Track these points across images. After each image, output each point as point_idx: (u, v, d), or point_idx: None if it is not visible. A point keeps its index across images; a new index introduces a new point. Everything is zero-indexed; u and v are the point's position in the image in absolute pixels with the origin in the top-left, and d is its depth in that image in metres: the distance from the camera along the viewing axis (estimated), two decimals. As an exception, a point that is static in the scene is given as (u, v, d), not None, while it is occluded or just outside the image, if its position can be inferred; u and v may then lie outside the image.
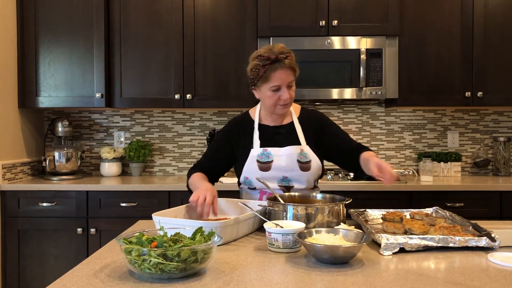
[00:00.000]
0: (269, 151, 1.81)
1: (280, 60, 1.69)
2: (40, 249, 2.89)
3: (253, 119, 1.90)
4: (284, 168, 1.80)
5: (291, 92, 1.76)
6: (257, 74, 1.73)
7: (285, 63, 1.69)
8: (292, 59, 1.72)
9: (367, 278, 1.12)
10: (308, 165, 1.81)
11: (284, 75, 1.71)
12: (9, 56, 3.01)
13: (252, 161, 1.82)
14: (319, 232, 1.35)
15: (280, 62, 1.69)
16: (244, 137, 1.88)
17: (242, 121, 1.93)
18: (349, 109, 3.48)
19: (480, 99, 3.09)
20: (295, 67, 1.73)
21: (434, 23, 3.09)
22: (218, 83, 3.13)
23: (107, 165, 3.31)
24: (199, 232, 1.21)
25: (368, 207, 1.88)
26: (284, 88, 1.73)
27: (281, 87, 1.73)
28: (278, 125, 1.88)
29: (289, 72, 1.72)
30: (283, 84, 1.72)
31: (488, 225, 1.56)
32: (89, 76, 3.09)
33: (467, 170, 3.48)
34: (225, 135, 1.93)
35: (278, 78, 1.71)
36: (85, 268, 1.21)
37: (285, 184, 1.83)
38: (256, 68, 1.73)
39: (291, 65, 1.71)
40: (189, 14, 3.11)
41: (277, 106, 1.78)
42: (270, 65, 1.70)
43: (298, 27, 3.03)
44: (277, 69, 1.70)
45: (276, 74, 1.70)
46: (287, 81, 1.72)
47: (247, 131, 1.88)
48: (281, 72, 1.70)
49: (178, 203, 2.68)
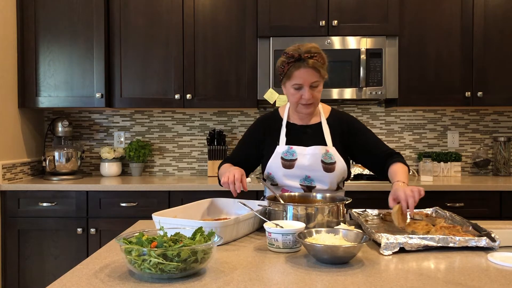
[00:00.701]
0: (294, 149, 1.81)
1: (304, 59, 1.70)
2: (40, 249, 2.89)
3: (282, 117, 1.91)
4: (308, 168, 1.80)
5: (315, 92, 1.76)
6: (282, 71, 1.76)
7: (308, 62, 1.70)
8: (318, 59, 1.72)
9: (367, 278, 1.12)
10: (333, 166, 1.80)
11: (306, 74, 1.71)
12: (9, 56, 3.01)
13: (277, 158, 1.82)
14: (319, 232, 1.36)
15: (303, 61, 1.70)
16: (271, 134, 1.90)
17: (270, 118, 1.95)
18: (349, 109, 3.48)
19: (480, 99, 3.09)
20: (320, 68, 1.72)
21: (434, 23, 3.09)
22: (218, 83, 3.13)
23: (107, 165, 3.31)
24: (199, 232, 1.21)
25: (368, 207, 1.88)
26: (306, 88, 1.73)
27: (303, 86, 1.73)
28: (306, 124, 1.89)
29: (312, 72, 1.71)
30: (305, 84, 1.73)
31: (488, 225, 1.56)
32: (89, 76, 3.09)
33: (467, 170, 3.48)
34: (253, 131, 1.95)
35: (299, 76, 1.72)
36: (85, 268, 1.21)
37: (307, 183, 1.83)
38: (282, 64, 1.75)
39: (315, 66, 1.71)
40: (189, 14, 3.11)
41: (299, 104, 1.79)
42: (293, 63, 1.71)
43: (298, 27, 3.03)
44: (300, 67, 1.70)
45: (298, 72, 1.71)
46: (309, 81, 1.72)
47: (275, 127, 1.90)
48: (303, 71, 1.71)
49: (178, 203, 2.68)
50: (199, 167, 3.51)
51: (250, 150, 1.94)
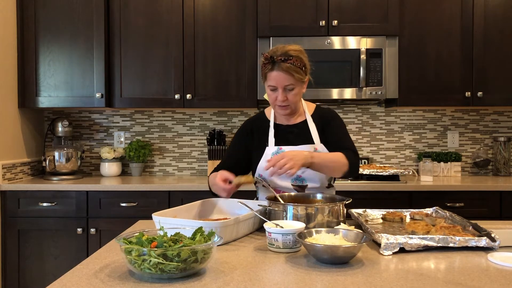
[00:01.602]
0: (284, 150, 1.82)
1: (276, 62, 1.70)
2: (40, 249, 2.89)
3: (268, 118, 1.92)
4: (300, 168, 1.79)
5: (290, 95, 1.75)
6: (261, 72, 1.79)
7: (281, 66, 1.69)
8: (294, 63, 1.70)
9: (367, 278, 1.12)
10: None
11: (278, 77, 1.72)
12: (9, 56, 3.01)
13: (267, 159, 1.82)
14: (319, 232, 1.36)
15: (276, 64, 1.70)
16: (259, 135, 1.90)
17: (257, 120, 1.95)
18: (349, 109, 3.48)
19: (480, 99, 3.09)
20: (294, 72, 1.71)
21: (434, 23, 3.09)
22: (218, 83, 3.13)
23: (107, 165, 3.31)
24: (199, 232, 1.21)
25: (368, 207, 1.88)
26: (280, 90, 1.74)
27: (277, 88, 1.74)
28: (291, 124, 1.89)
29: (284, 75, 1.71)
30: (278, 86, 1.74)
31: (488, 225, 1.56)
32: (89, 76, 3.09)
33: (467, 170, 3.48)
34: (241, 135, 1.96)
35: (273, 79, 1.73)
36: (85, 268, 1.21)
37: (299, 183, 1.83)
38: (261, 65, 1.78)
39: (288, 70, 1.70)
40: (189, 14, 3.11)
41: (276, 106, 1.80)
42: (267, 64, 1.73)
43: (298, 27, 3.03)
44: (273, 70, 1.72)
45: (271, 74, 1.73)
46: (282, 83, 1.73)
47: (262, 129, 1.90)
48: (275, 74, 1.72)
49: (178, 203, 2.68)
50: (199, 167, 3.51)
51: (240, 154, 1.94)
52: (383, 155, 3.48)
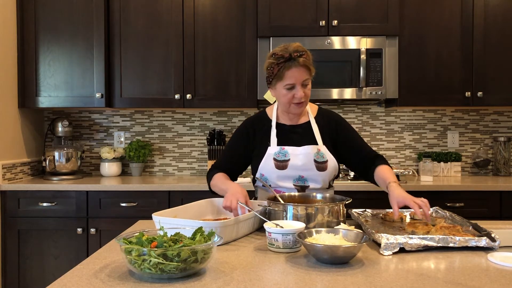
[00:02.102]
0: (286, 150, 1.81)
1: (294, 58, 1.69)
2: (40, 249, 2.89)
3: (270, 118, 1.91)
4: (301, 168, 1.80)
5: (306, 90, 1.76)
6: (272, 73, 1.75)
7: (299, 61, 1.69)
8: (307, 57, 1.72)
9: (367, 278, 1.12)
10: (325, 165, 1.81)
11: (297, 73, 1.71)
12: (9, 56, 3.01)
13: (269, 159, 1.82)
14: (319, 232, 1.35)
15: (294, 61, 1.69)
16: (260, 135, 1.89)
17: (258, 119, 1.94)
18: (349, 109, 3.48)
19: (480, 99, 3.09)
20: (310, 66, 1.73)
21: (434, 23, 3.09)
22: (218, 83, 3.13)
23: (107, 165, 3.31)
24: (199, 232, 1.21)
25: (368, 207, 1.88)
26: (298, 87, 1.73)
27: (295, 85, 1.73)
28: (295, 124, 1.89)
29: (303, 70, 1.72)
30: (297, 83, 1.73)
31: (488, 225, 1.56)
32: (89, 76, 3.09)
33: (467, 170, 3.48)
34: (241, 134, 1.94)
35: (292, 76, 1.71)
36: (85, 268, 1.21)
37: (301, 183, 1.83)
38: (271, 66, 1.74)
39: (306, 64, 1.71)
40: (189, 14, 3.11)
41: (292, 104, 1.78)
42: (284, 63, 1.70)
43: (298, 27, 3.03)
44: (291, 67, 1.70)
45: (290, 72, 1.71)
46: (301, 79, 1.72)
47: (264, 129, 1.89)
48: (294, 71, 1.70)
49: (178, 203, 2.68)
50: (199, 167, 3.51)
51: (239, 154, 1.93)
52: (383, 155, 3.48)
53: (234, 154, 1.94)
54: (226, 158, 1.95)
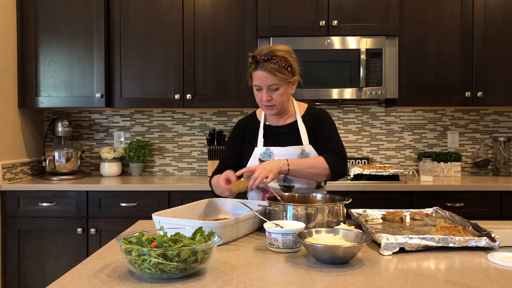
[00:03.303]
0: (271, 150, 1.83)
1: (259, 61, 1.72)
2: (40, 249, 2.89)
3: (259, 119, 1.93)
4: None
5: (275, 95, 1.76)
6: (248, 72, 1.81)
7: (264, 65, 1.71)
8: (279, 63, 1.70)
9: (367, 278, 1.12)
10: None
11: (261, 77, 1.73)
12: (9, 56, 3.01)
13: (255, 159, 1.84)
14: (319, 232, 1.35)
15: (259, 64, 1.72)
16: (249, 136, 1.92)
17: (248, 121, 1.97)
18: (349, 109, 3.48)
19: (480, 99, 3.09)
20: (277, 72, 1.71)
21: (434, 23, 3.09)
22: (218, 83, 3.13)
23: (107, 165, 3.31)
24: (199, 232, 1.21)
25: (368, 207, 1.88)
26: (264, 90, 1.76)
27: (262, 88, 1.76)
28: (281, 125, 1.90)
29: (268, 75, 1.72)
30: (263, 85, 1.75)
31: (488, 225, 1.55)
32: (89, 76, 3.09)
33: (467, 170, 3.48)
34: (233, 137, 1.97)
35: (257, 78, 1.75)
36: (85, 268, 1.20)
37: (286, 184, 1.84)
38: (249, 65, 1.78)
39: (271, 69, 1.70)
40: (189, 14, 3.11)
41: (262, 105, 1.82)
42: (253, 64, 1.75)
43: (298, 27, 3.03)
44: (257, 69, 1.74)
45: (256, 74, 1.75)
46: (266, 83, 1.74)
47: (253, 130, 1.92)
48: (259, 73, 1.73)
49: (178, 203, 2.68)
50: (199, 167, 3.51)
51: (235, 157, 1.95)
52: (383, 155, 3.48)
53: (231, 157, 1.96)
54: (224, 163, 1.97)
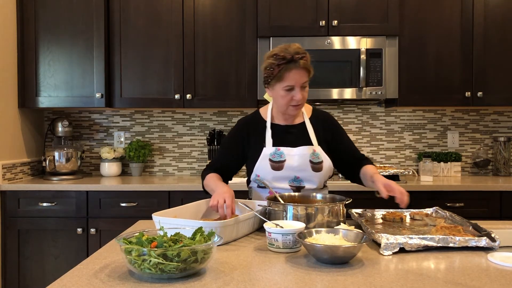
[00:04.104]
0: (282, 151, 1.81)
1: (295, 60, 1.68)
2: (40, 249, 2.89)
3: (264, 119, 1.90)
4: (296, 168, 1.80)
5: (304, 93, 1.76)
6: (271, 73, 1.73)
7: (300, 63, 1.69)
8: (307, 60, 1.72)
9: (367, 278, 1.12)
10: (320, 165, 1.81)
11: (298, 75, 1.71)
12: (9, 56, 3.01)
13: (264, 160, 1.81)
14: (319, 232, 1.36)
15: (295, 63, 1.69)
16: (254, 136, 1.88)
17: (252, 120, 1.93)
18: (349, 109, 3.48)
19: (480, 99, 3.09)
20: (310, 68, 1.73)
21: (434, 23, 3.09)
22: (218, 83, 3.13)
23: (107, 165, 3.31)
24: (199, 232, 1.21)
25: (368, 207, 1.88)
26: (297, 89, 1.73)
27: (294, 87, 1.73)
28: (290, 124, 1.89)
29: (303, 73, 1.71)
30: (297, 85, 1.72)
31: (488, 225, 1.55)
32: (89, 76, 3.09)
33: (467, 170, 3.48)
34: (235, 135, 1.93)
35: (292, 78, 1.71)
36: (85, 268, 1.21)
37: (297, 184, 1.83)
38: (271, 67, 1.72)
39: (306, 66, 1.71)
40: (189, 14, 3.11)
41: (289, 106, 1.78)
42: (285, 64, 1.69)
43: (298, 27, 3.03)
44: (292, 69, 1.69)
45: (291, 74, 1.70)
46: (301, 81, 1.72)
47: (258, 130, 1.88)
48: (295, 73, 1.70)
49: (178, 203, 2.68)
50: (199, 167, 3.51)
51: (234, 155, 1.92)
52: (383, 155, 3.48)
53: (228, 154, 1.93)
54: (221, 159, 1.95)
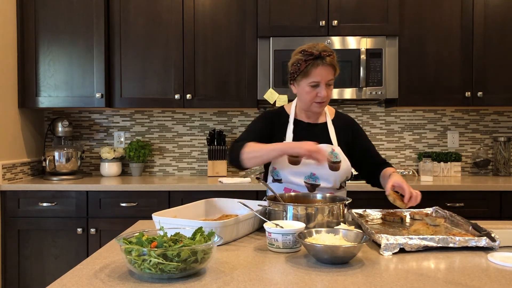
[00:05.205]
0: None
1: (323, 57, 1.72)
2: (40, 249, 2.89)
3: (288, 113, 1.92)
4: (313, 165, 1.78)
5: (329, 91, 1.78)
6: (298, 69, 1.76)
7: (327, 60, 1.72)
8: (334, 58, 1.75)
9: (367, 278, 1.12)
10: (338, 165, 1.82)
11: (324, 72, 1.73)
12: (9, 56, 3.01)
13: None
14: (319, 232, 1.35)
15: (322, 59, 1.72)
16: (278, 128, 1.89)
17: (276, 113, 1.94)
18: (349, 109, 3.48)
19: (480, 99, 3.09)
20: (336, 66, 1.76)
21: (434, 23, 3.09)
22: (218, 83, 3.13)
23: (107, 165, 3.31)
24: (199, 232, 1.21)
25: (368, 207, 1.88)
26: (323, 85, 1.75)
27: (320, 84, 1.75)
28: (312, 122, 1.91)
29: (330, 70, 1.74)
30: (322, 81, 1.75)
31: (488, 225, 1.56)
32: (89, 76, 3.09)
33: (467, 170, 3.48)
34: (264, 120, 1.92)
35: (318, 74, 1.73)
36: (85, 268, 1.21)
37: (312, 181, 1.83)
38: (298, 62, 1.76)
39: (332, 63, 1.74)
40: (189, 14, 3.11)
41: (313, 103, 1.80)
42: (312, 60, 1.73)
43: (298, 27, 3.03)
44: (319, 65, 1.72)
45: (317, 70, 1.73)
46: (327, 78, 1.75)
47: (281, 123, 1.90)
48: (322, 69, 1.73)
49: (178, 203, 2.68)
50: (199, 167, 3.51)
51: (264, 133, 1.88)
52: (383, 155, 3.48)
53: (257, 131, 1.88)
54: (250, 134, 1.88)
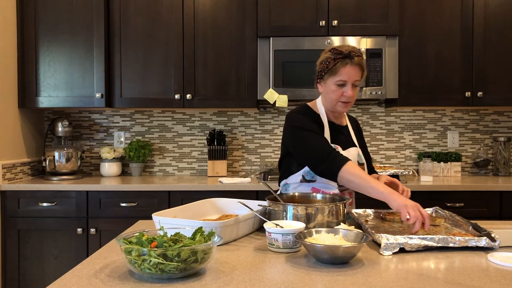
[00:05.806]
0: (339, 149, 1.80)
1: (351, 56, 1.73)
2: (40, 249, 2.89)
3: (318, 113, 1.87)
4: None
5: (355, 91, 1.78)
6: (326, 67, 1.76)
7: (355, 60, 1.73)
8: (362, 59, 1.76)
9: (367, 278, 1.12)
10: (363, 167, 1.86)
11: (352, 71, 1.74)
12: (9, 56, 3.01)
13: None
14: (319, 232, 1.35)
15: (351, 58, 1.73)
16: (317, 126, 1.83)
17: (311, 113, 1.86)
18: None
19: (480, 99, 3.09)
20: (364, 67, 1.77)
21: (434, 23, 3.09)
22: (218, 83, 3.13)
23: (107, 165, 3.31)
24: (199, 232, 1.21)
25: (368, 207, 1.88)
26: (349, 85, 1.75)
27: (347, 83, 1.75)
28: (341, 124, 1.93)
29: (357, 69, 1.75)
30: (349, 80, 1.75)
31: (488, 225, 1.55)
32: (89, 76, 3.09)
33: (467, 170, 3.48)
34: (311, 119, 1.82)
35: (346, 73, 1.74)
36: (85, 268, 1.21)
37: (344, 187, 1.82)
38: (327, 60, 1.76)
39: (360, 63, 1.75)
40: (189, 14, 3.11)
41: (338, 102, 1.79)
42: (341, 59, 1.73)
43: (298, 27, 3.03)
44: (347, 64, 1.73)
45: (345, 69, 1.73)
46: (354, 78, 1.75)
47: (318, 122, 1.83)
48: (350, 68, 1.73)
49: (178, 203, 2.68)
50: (199, 167, 3.51)
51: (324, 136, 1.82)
52: (383, 155, 3.48)
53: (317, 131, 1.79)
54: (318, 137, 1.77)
